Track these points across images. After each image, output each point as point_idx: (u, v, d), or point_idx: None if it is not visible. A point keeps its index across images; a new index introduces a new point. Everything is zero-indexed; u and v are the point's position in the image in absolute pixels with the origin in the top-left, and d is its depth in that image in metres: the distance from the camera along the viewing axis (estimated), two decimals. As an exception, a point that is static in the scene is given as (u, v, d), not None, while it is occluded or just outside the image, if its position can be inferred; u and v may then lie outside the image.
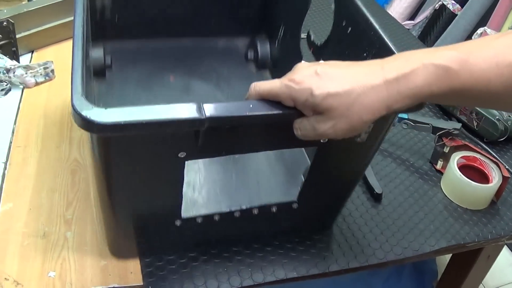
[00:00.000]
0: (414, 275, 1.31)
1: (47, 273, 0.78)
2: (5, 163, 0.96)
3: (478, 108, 1.15)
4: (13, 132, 1.03)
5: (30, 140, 1.02)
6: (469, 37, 2.00)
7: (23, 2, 1.44)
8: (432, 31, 2.13)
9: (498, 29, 1.89)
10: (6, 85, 1.14)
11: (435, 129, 1.05)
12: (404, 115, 1.08)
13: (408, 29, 1.99)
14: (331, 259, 0.85)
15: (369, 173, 1.00)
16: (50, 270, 0.78)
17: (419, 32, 2.17)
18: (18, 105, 1.11)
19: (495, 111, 1.14)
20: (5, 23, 1.18)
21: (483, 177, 1.01)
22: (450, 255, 1.23)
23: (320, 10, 1.35)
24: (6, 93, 1.13)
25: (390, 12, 2.02)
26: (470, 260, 1.15)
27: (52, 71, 1.18)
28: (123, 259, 0.81)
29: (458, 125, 1.05)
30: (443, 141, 1.05)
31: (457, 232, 0.94)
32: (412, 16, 2.25)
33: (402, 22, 2.16)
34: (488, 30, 1.90)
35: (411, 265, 1.32)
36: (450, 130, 1.04)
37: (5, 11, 1.21)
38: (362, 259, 0.86)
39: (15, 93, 1.14)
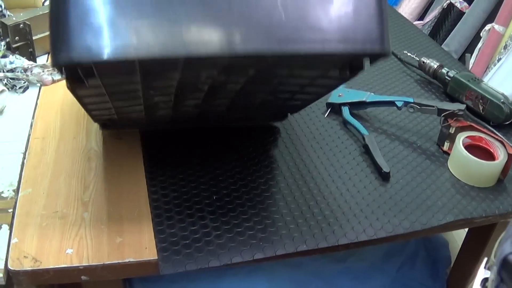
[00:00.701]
0: (427, 262, 1.32)
1: (65, 250, 0.81)
2: (24, 153, 0.99)
3: (483, 92, 1.17)
4: (31, 125, 1.07)
5: (48, 132, 1.05)
6: (477, 34, 2.02)
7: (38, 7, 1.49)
8: (441, 29, 2.15)
9: (506, 25, 1.91)
10: (24, 83, 1.18)
11: (440, 111, 1.07)
12: (410, 99, 1.10)
13: (417, 28, 2.02)
14: (340, 233, 0.87)
15: (377, 154, 1.02)
16: (68, 247, 0.81)
17: (429, 31, 2.19)
18: (36, 101, 1.15)
19: (499, 95, 1.16)
20: (21, 25, 1.23)
21: (489, 156, 1.02)
22: (462, 240, 1.25)
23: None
24: (24, 91, 1.18)
25: (398, 13, 2.05)
26: (481, 245, 1.16)
27: (68, 69, 1.22)
28: (138, 234, 0.84)
29: (462, 106, 1.06)
30: (448, 122, 1.07)
31: (465, 207, 0.95)
32: (421, 16, 2.29)
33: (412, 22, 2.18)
34: (496, 26, 1.92)
35: (425, 252, 1.33)
36: (454, 111, 1.06)
37: (21, 14, 1.26)
38: (370, 233, 0.88)
39: (32, 91, 1.19)
